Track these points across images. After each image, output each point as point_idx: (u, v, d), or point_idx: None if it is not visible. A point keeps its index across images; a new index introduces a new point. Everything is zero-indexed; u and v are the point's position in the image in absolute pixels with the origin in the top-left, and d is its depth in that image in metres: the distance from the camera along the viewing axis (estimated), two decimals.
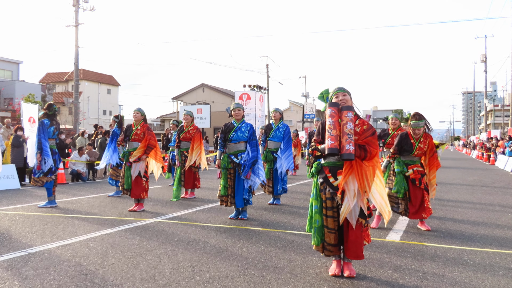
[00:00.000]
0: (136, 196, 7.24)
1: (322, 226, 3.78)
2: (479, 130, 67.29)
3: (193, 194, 8.90)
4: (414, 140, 5.70)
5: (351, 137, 3.48)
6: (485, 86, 46.35)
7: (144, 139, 7.28)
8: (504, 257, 4.43)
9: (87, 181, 12.83)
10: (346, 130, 3.50)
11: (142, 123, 7.45)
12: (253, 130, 6.41)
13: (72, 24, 22.96)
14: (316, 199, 3.84)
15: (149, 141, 7.28)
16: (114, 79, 54.19)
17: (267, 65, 39.23)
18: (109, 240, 5.02)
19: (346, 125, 3.50)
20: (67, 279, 3.63)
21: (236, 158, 6.33)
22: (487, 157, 26.29)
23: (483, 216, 6.90)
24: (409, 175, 5.71)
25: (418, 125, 5.61)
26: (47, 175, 7.49)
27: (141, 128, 7.37)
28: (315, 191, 3.87)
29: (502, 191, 10.47)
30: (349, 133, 3.48)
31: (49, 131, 7.54)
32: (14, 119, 24.94)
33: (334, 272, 3.76)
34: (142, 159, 7.25)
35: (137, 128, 7.40)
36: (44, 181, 7.51)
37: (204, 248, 4.65)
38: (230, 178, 6.34)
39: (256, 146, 6.37)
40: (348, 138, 3.47)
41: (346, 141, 3.46)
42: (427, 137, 5.74)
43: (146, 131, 7.34)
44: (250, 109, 25.91)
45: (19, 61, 38.43)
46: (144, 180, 7.31)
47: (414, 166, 5.74)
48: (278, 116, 8.07)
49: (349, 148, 3.45)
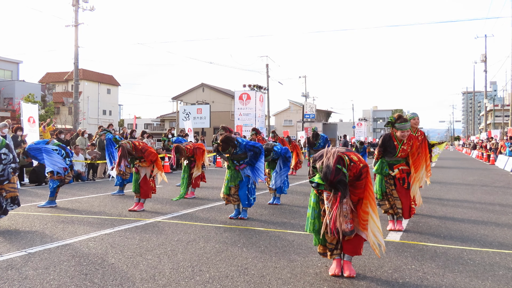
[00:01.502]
0: (146, 196, 7.32)
1: (320, 229, 3.82)
2: (479, 130, 67.30)
3: (193, 194, 8.92)
4: (398, 142, 5.59)
5: (347, 217, 3.58)
6: (485, 86, 46.36)
7: (147, 161, 7.27)
8: (504, 257, 4.42)
9: (87, 181, 12.83)
10: (343, 212, 3.63)
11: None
12: (250, 146, 6.39)
13: (71, 24, 22.93)
14: (316, 204, 3.86)
15: (150, 159, 7.27)
16: (114, 79, 54.19)
17: (267, 65, 39.24)
18: (109, 240, 5.02)
19: (342, 208, 3.61)
20: (67, 279, 3.63)
21: (238, 163, 6.47)
22: (487, 157, 26.29)
23: (483, 216, 6.90)
24: (395, 174, 5.62)
25: (404, 127, 5.44)
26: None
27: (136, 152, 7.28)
28: (316, 197, 3.87)
29: (502, 191, 10.47)
30: (345, 215, 3.58)
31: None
32: (14, 119, 24.93)
33: (334, 272, 3.76)
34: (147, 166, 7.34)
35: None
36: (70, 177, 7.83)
37: (204, 248, 4.65)
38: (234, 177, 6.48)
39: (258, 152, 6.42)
40: (345, 219, 3.58)
41: (344, 222, 3.59)
42: (411, 138, 5.62)
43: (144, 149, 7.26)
44: (250, 109, 25.90)
45: (18, 61, 38.40)
46: (151, 180, 7.40)
47: (399, 165, 5.65)
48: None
49: (347, 226, 3.58)
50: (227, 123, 28.90)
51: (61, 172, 7.56)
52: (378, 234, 3.71)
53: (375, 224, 3.70)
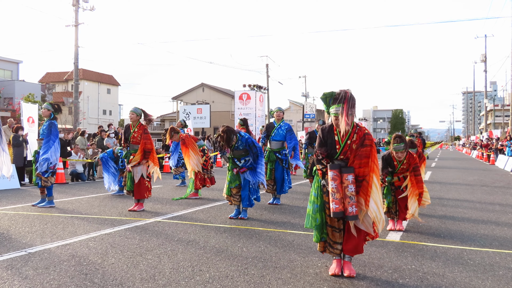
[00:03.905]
0: (140, 197, 7.25)
1: (321, 224, 3.81)
2: (479, 130, 67.26)
3: (196, 195, 8.90)
4: (397, 162, 5.64)
5: (353, 199, 3.62)
6: (485, 85, 46.31)
7: (140, 143, 7.20)
8: (504, 257, 4.43)
9: (86, 181, 12.83)
10: (348, 193, 3.64)
11: (139, 125, 7.40)
12: (251, 141, 6.39)
13: (72, 24, 22.92)
14: (317, 198, 3.85)
15: (144, 146, 7.18)
16: (114, 79, 54.16)
17: (267, 65, 39.23)
18: (109, 239, 5.02)
19: (348, 188, 3.64)
20: (67, 278, 3.63)
21: (239, 161, 6.46)
22: (487, 157, 26.29)
23: (483, 216, 6.90)
24: (394, 182, 5.77)
25: (400, 147, 5.40)
26: (53, 175, 7.54)
27: (138, 131, 7.32)
28: (317, 191, 3.87)
29: (502, 191, 10.47)
30: (351, 196, 3.63)
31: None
32: (14, 119, 24.92)
33: (334, 271, 3.77)
34: (142, 163, 7.23)
35: (134, 130, 7.35)
36: (52, 181, 7.56)
37: (204, 248, 4.65)
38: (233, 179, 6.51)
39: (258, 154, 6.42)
40: (350, 201, 3.62)
41: (349, 204, 3.61)
42: (410, 158, 5.61)
43: (142, 134, 7.25)
44: (250, 109, 25.91)
45: (18, 61, 38.38)
46: (147, 180, 7.31)
47: (399, 174, 5.75)
48: (281, 115, 8.07)
49: (352, 210, 3.61)
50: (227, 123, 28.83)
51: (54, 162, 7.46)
52: (380, 206, 3.70)
53: (378, 195, 3.70)
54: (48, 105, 7.66)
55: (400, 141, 5.43)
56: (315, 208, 3.85)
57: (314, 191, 3.91)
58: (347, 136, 3.71)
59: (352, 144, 3.70)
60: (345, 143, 3.72)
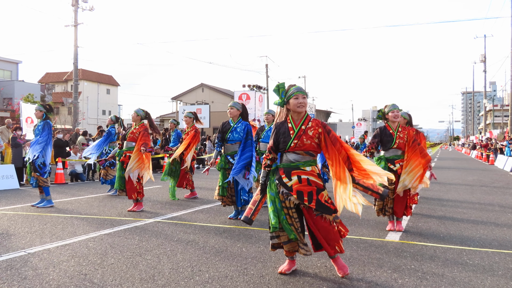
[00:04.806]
0: (129, 197, 7.24)
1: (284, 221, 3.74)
2: (478, 130, 67.32)
3: (195, 194, 8.90)
4: (393, 130, 5.58)
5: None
6: (484, 86, 46.32)
7: (138, 140, 7.17)
8: (504, 257, 4.43)
9: (86, 181, 12.83)
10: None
11: (141, 124, 7.41)
12: (248, 129, 6.33)
13: (71, 24, 22.94)
14: (277, 197, 3.76)
15: (142, 143, 7.14)
16: (114, 79, 54.13)
17: (266, 65, 39.25)
18: (108, 240, 5.02)
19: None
20: (66, 279, 3.63)
21: (232, 158, 6.35)
22: (486, 157, 26.30)
23: (482, 216, 6.90)
24: (397, 169, 5.51)
25: (395, 106, 5.54)
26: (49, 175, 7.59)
27: (138, 128, 7.32)
28: (274, 190, 3.78)
29: (501, 191, 10.48)
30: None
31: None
32: (13, 119, 24.90)
33: (282, 270, 3.79)
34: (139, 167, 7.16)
35: (135, 127, 7.36)
36: (48, 182, 7.56)
37: (203, 248, 4.65)
38: (225, 177, 6.36)
39: (251, 145, 6.26)
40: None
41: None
42: (405, 128, 5.60)
43: (142, 131, 7.22)
44: (249, 109, 25.89)
45: (18, 61, 38.36)
46: (136, 181, 7.18)
47: (400, 160, 5.54)
48: (271, 118, 7.95)
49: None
50: None
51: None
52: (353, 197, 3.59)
53: (345, 189, 3.63)
54: (40, 106, 7.68)
55: (392, 106, 5.55)
56: (278, 207, 3.79)
57: (272, 190, 3.87)
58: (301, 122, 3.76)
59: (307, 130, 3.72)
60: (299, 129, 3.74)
